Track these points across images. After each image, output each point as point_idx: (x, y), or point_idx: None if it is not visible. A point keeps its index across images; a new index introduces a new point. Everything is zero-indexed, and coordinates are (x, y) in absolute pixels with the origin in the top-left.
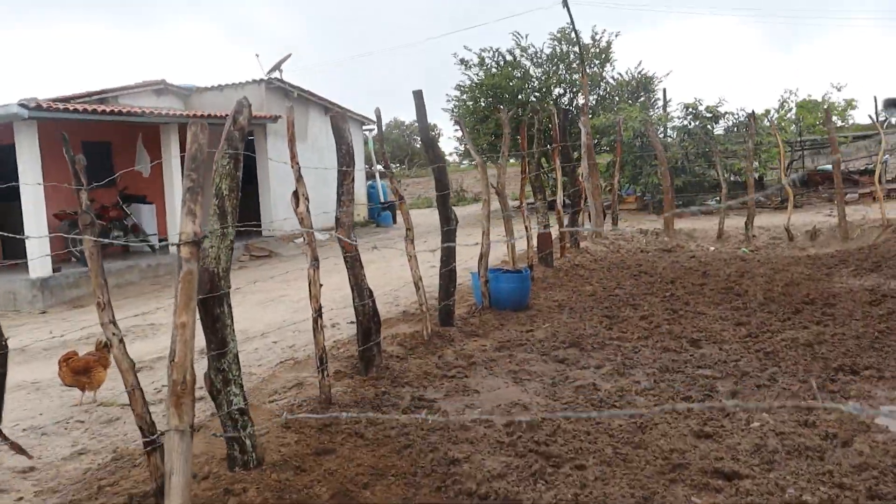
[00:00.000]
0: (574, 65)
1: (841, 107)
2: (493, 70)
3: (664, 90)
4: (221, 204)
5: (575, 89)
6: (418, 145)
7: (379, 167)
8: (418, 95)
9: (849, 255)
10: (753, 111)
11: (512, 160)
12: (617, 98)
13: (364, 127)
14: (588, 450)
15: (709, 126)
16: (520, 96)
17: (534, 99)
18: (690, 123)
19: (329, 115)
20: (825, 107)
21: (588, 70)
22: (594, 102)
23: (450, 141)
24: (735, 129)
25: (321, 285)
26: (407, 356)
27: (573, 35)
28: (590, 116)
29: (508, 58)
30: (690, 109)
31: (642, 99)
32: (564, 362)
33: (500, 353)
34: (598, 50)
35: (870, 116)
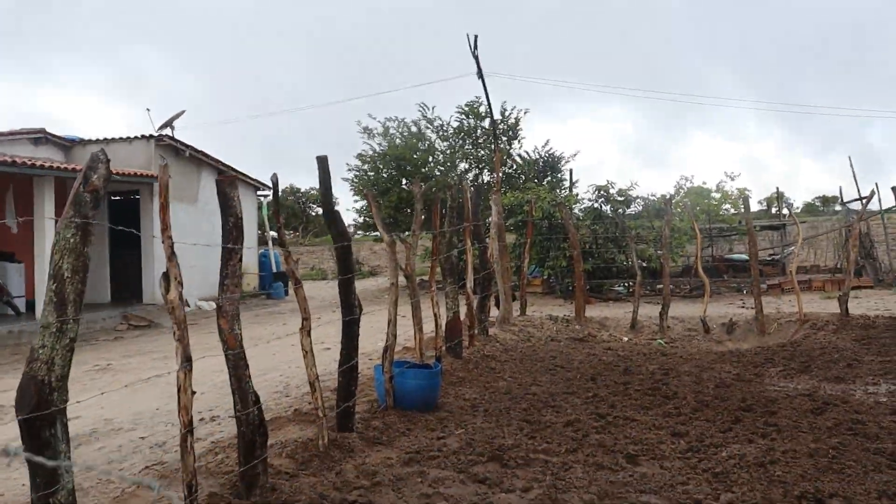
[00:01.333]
0: (481, 140)
1: (734, 196)
2: (398, 140)
3: (570, 171)
4: (60, 289)
5: (481, 165)
6: (314, 213)
7: (274, 234)
8: (322, 162)
9: (773, 353)
10: (671, 196)
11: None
12: (524, 177)
13: (259, 192)
14: None
15: (620, 210)
16: (424, 169)
17: (438, 173)
18: (602, 206)
19: (216, 180)
20: (718, 195)
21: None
22: (501, 180)
23: (349, 213)
24: (645, 214)
25: (194, 392)
26: (298, 472)
27: (482, 109)
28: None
29: (414, 129)
30: (602, 192)
31: (549, 179)
32: (485, 482)
33: (409, 469)
34: (506, 126)
35: (787, 207)
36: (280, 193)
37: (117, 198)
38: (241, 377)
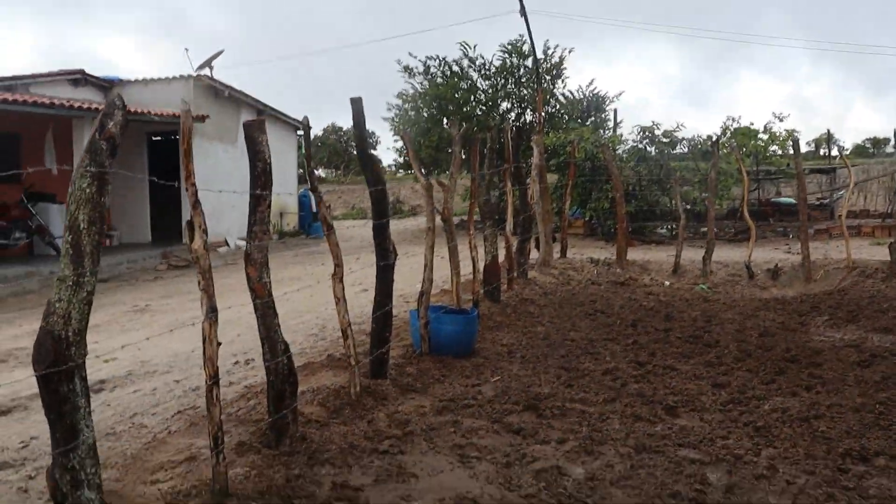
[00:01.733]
0: (523, 79)
1: (782, 137)
2: (439, 80)
3: (615, 111)
4: (76, 241)
5: (523, 105)
6: (356, 151)
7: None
8: (356, 103)
9: (820, 301)
10: (718, 137)
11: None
12: (567, 117)
13: (299, 132)
14: None
15: (665, 151)
16: (465, 109)
17: (479, 112)
18: (646, 147)
19: (243, 123)
20: (766, 136)
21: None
22: (544, 120)
23: (388, 152)
24: (691, 156)
25: (219, 343)
26: (329, 421)
27: (525, 48)
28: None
29: (455, 68)
30: (647, 133)
31: (592, 119)
32: (520, 433)
33: (442, 418)
34: (549, 65)
35: (839, 149)
36: (320, 134)
37: (157, 138)
38: (269, 326)
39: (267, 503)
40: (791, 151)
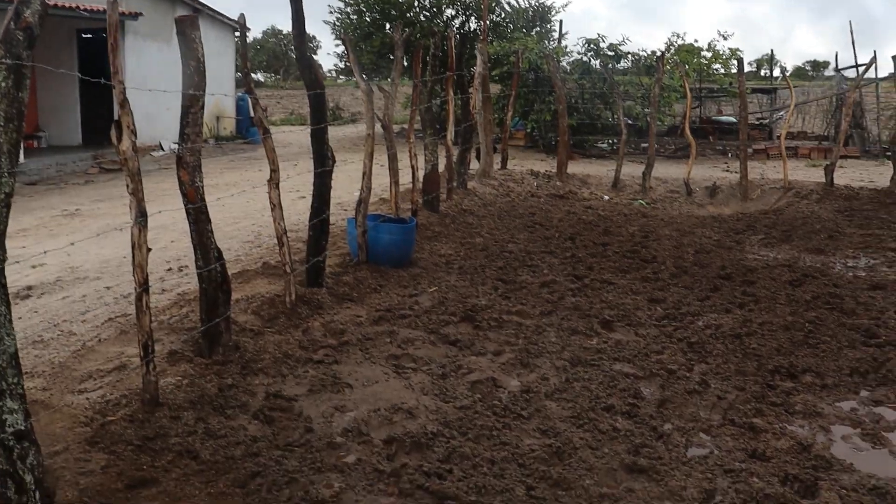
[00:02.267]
0: None
1: (725, 55)
2: None
3: (560, 22)
4: None
5: (468, 12)
6: (295, 52)
7: (256, 78)
8: (296, 2)
9: (755, 220)
10: (663, 53)
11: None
12: (512, 26)
13: (237, 33)
14: (493, 488)
15: (609, 65)
16: (409, 14)
17: (423, 18)
18: (591, 60)
19: (175, 19)
20: (709, 54)
21: None
22: (488, 28)
23: (329, 57)
24: (635, 71)
25: (150, 249)
26: (263, 329)
27: None
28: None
29: None
30: (592, 46)
31: (538, 29)
32: (456, 344)
33: (378, 328)
34: None
35: (782, 70)
36: (259, 37)
37: (88, 35)
38: (202, 232)
39: (199, 413)
40: (734, 70)
